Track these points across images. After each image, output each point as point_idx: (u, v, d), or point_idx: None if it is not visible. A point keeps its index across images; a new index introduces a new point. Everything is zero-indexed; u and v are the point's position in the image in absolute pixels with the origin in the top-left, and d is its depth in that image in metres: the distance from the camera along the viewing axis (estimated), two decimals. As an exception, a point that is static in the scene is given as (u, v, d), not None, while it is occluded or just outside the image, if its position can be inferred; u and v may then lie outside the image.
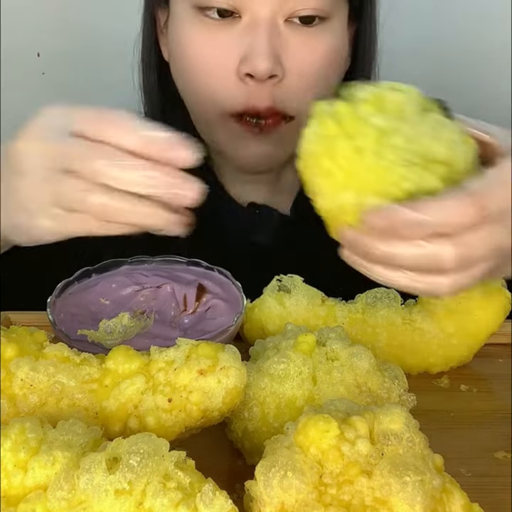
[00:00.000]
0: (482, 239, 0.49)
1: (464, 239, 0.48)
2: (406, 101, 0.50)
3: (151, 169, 0.49)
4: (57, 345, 0.53)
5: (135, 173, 0.50)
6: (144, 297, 0.68)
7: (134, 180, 0.50)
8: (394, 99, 0.49)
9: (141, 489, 0.40)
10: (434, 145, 0.48)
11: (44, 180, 0.53)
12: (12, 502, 0.42)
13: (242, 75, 0.76)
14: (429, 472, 0.42)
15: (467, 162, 0.50)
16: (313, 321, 0.65)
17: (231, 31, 0.76)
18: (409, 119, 0.49)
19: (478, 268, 0.50)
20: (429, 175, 0.48)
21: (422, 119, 0.49)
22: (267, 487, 0.42)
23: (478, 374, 0.67)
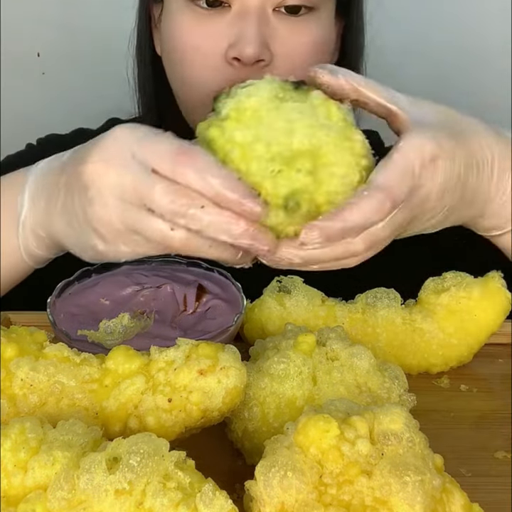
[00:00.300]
0: (389, 225, 0.54)
1: (372, 230, 0.53)
2: (261, 102, 0.51)
3: (234, 219, 0.50)
4: (57, 345, 0.53)
5: (219, 222, 0.51)
6: (144, 297, 0.68)
7: (219, 229, 0.51)
8: (249, 106, 0.51)
9: (141, 489, 0.40)
10: (291, 140, 0.49)
11: (122, 212, 0.54)
12: (12, 502, 0.42)
13: (229, 59, 0.77)
14: (429, 472, 0.42)
15: (338, 136, 0.51)
16: (313, 321, 0.65)
17: (221, 20, 0.78)
18: (265, 120, 0.50)
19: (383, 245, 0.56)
20: (296, 173, 0.49)
21: (277, 114, 0.50)
22: (267, 487, 0.42)
23: (478, 374, 0.67)
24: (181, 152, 0.52)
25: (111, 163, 0.55)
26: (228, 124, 0.51)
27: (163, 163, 0.52)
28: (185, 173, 0.51)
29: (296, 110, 0.51)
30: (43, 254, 0.70)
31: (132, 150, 0.54)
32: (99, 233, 0.58)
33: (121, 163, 0.54)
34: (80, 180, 0.57)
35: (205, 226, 0.51)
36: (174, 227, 0.53)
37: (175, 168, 0.52)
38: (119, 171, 0.54)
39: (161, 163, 0.52)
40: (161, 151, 0.53)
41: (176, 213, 0.52)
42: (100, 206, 0.56)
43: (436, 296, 0.66)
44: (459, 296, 0.65)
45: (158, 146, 0.53)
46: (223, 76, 0.79)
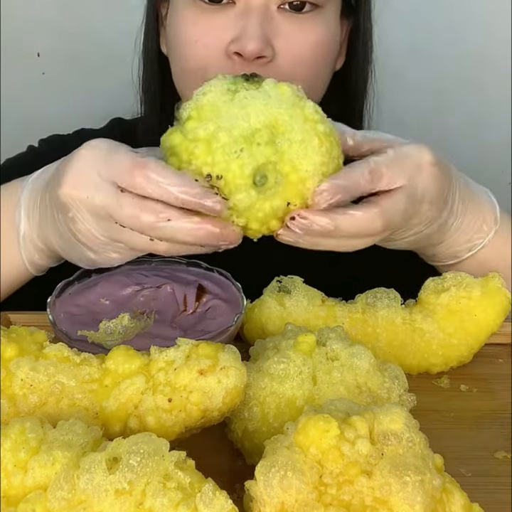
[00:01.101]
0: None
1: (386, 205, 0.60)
2: (216, 96, 0.57)
3: (198, 225, 0.55)
4: (57, 345, 0.53)
5: (186, 230, 0.55)
6: (144, 297, 0.68)
7: (187, 235, 0.55)
8: (206, 101, 0.56)
9: (141, 489, 0.40)
10: (248, 120, 0.54)
11: (102, 228, 0.60)
12: (12, 502, 0.42)
13: (230, 54, 0.77)
14: (429, 472, 0.42)
15: (290, 107, 0.56)
16: (313, 321, 0.65)
17: (224, 15, 0.78)
18: (223, 111, 0.55)
19: None
20: (257, 147, 0.54)
21: (233, 103, 0.56)
22: (267, 487, 0.42)
23: (478, 374, 0.67)
24: (135, 165, 0.56)
25: (81, 185, 0.60)
26: (190, 125, 0.56)
27: (123, 179, 0.57)
28: (142, 185, 0.55)
29: (249, 96, 0.56)
30: (45, 263, 0.72)
31: (98, 169, 0.59)
32: (87, 246, 0.63)
33: (90, 183, 0.59)
34: (59, 202, 0.62)
35: (175, 235, 0.55)
36: (153, 239, 0.57)
37: (133, 181, 0.56)
38: (89, 191, 0.59)
39: (121, 178, 0.57)
40: (119, 167, 0.57)
41: (144, 229, 0.56)
42: (81, 224, 0.61)
43: (436, 296, 0.66)
44: (459, 296, 0.65)
45: (116, 163, 0.58)
46: (224, 70, 0.78)
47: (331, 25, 0.83)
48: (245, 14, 0.77)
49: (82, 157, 0.61)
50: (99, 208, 0.58)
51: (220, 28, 0.78)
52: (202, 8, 0.79)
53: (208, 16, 0.79)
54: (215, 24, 0.79)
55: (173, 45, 0.85)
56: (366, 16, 0.89)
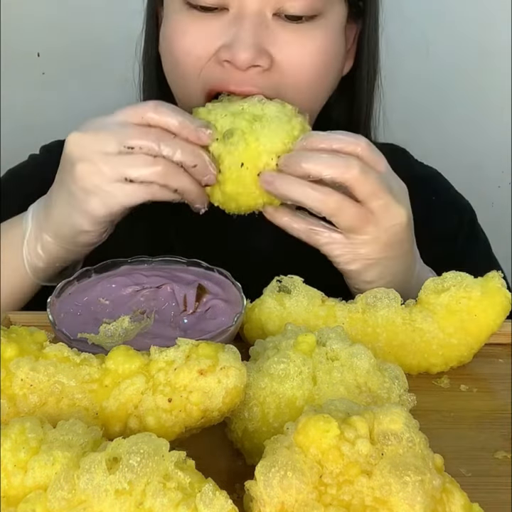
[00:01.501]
0: None
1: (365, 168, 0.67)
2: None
3: (191, 145, 0.67)
4: (57, 345, 0.53)
5: (181, 151, 0.66)
6: (144, 297, 0.68)
7: (182, 155, 0.66)
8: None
9: (141, 489, 0.40)
10: (242, 105, 0.72)
11: (105, 162, 0.66)
12: (12, 502, 0.42)
13: (220, 61, 0.76)
14: (429, 472, 0.42)
15: (281, 114, 0.71)
16: (313, 321, 0.65)
17: (217, 22, 0.77)
18: (227, 103, 0.74)
19: None
20: (238, 120, 0.69)
21: (240, 98, 0.75)
22: (267, 487, 0.42)
23: (478, 374, 0.67)
24: (149, 103, 0.67)
25: (87, 131, 0.68)
26: (199, 110, 0.74)
27: (134, 114, 0.67)
28: (152, 116, 0.67)
29: (253, 100, 0.73)
30: (47, 266, 0.72)
31: (105, 120, 0.68)
32: (89, 189, 0.67)
33: (97, 128, 0.68)
34: (64, 156, 0.69)
35: (175, 151, 0.66)
36: (154, 161, 0.66)
37: (145, 111, 0.66)
38: (97, 132, 0.67)
39: (132, 115, 0.67)
40: (130, 110, 0.68)
41: (151, 144, 0.65)
42: (85, 164, 0.67)
43: (436, 296, 0.66)
44: (459, 296, 0.65)
45: (126, 109, 0.68)
46: (213, 76, 0.77)
47: (333, 32, 0.81)
48: (238, 21, 0.75)
49: (86, 120, 0.70)
50: (107, 141, 0.66)
51: (212, 34, 0.77)
52: (194, 15, 0.77)
53: (200, 23, 0.77)
54: (206, 31, 0.77)
55: (164, 52, 0.84)
56: (373, 20, 0.88)
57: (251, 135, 0.68)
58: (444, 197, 1.00)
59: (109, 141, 0.65)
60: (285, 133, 0.69)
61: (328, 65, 0.82)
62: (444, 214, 0.96)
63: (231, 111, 0.70)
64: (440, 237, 0.93)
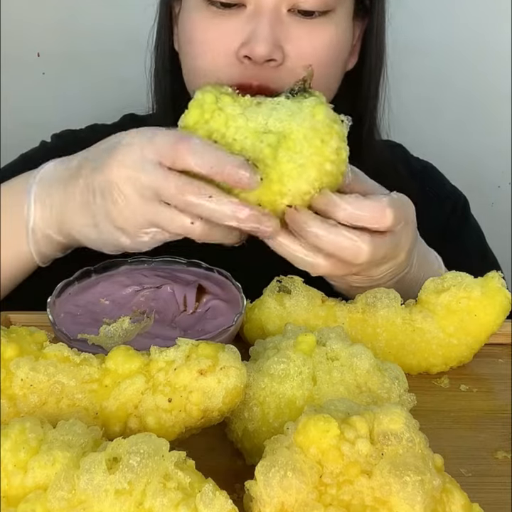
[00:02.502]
0: (386, 244, 0.63)
1: (376, 240, 0.62)
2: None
3: (239, 206, 0.59)
4: (57, 345, 0.53)
5: (226, 209, 0.59)
6: (144, 297, 0.68)
7: (226, 216, 0.59)
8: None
9: (141, 489, 0.40)
10: (266, 121, 0.60)
11: (144, 208, 0.62)
12: (12, 502, 0.42)
13: (240, 57, 0.78)
14: (429, 472, 0.42)
15: (311, 131, 0.59)
16: (313, 321, 0.65)
17: (235, 19, 0.79)
18: (253, 105, 0.61)
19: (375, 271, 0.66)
20: (259, 143, 0.59)
21: (265, 103, 0.61)
22: (267, 487, 0.42)
23: (478, 374, 0.67)
24: (178, 140, 0.60)
25: (129, 167, 0.62)
26: (225, 99, 0.62)
27: (165, 155, 0.60)
28: (184, 159, 0.59)
29: (282, 103, 0.61)
30: (54, 254, 0.72)
31: (143, 152, 0.62)
32: (123, 229, 0.64)
33: (138, 165, 0.62)
34: (104, 183, 0.64)
35: (215, 213, 0.59)
36: (193, 220, 0.61)
37: (176, 155, 0.60)
38: (137, 172, 0.62)
39: (163, 155, 0.60)
40: (161, 145, 0.61)
41: (187, 204, 0.59)
42: (124, 205, 0.63)
43: (436, 296, 0.66)
44: (459, 296, 0.65)
45: (160, 141, 0.61)
46: (233, 72, 0.80)
47: (342, 27, 0.83)
48: (255, 17, 0.78)
49: (128, 142, 0.64)
50: (145, 187, 0.61)
51: (231, 32, 0.79)
52: (213, 12, 0.80)
53: (219, 21, 0.80)
54: (225, 28, 0.79)
55: (184, 48, 0.86)
56: (380, 17, 0.89)
57: (274, 170, 0.59)
58: (438, 188, 1.04)
59: (147, 189, 0.61)
60: (315, 171, 0.59)
61: (337, 60, 0.84)
62: (438, 204, 1.00)
63: (254, 128, 0.60)
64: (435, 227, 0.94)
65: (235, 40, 0.79)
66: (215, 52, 0.80)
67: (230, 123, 0.60)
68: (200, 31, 0.82)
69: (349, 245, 0.61)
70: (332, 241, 0.61)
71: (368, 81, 0.92)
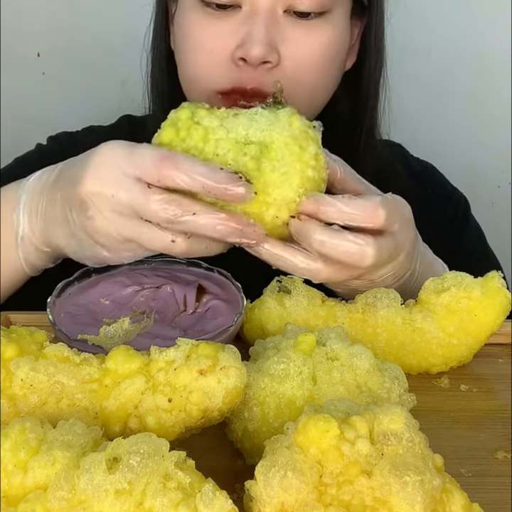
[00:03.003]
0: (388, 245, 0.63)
1: (380, 241, 0.62)
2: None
3: (223, 221, 0.58)
4: (57, 345, 0.53)
5: (210, 225, 0.58)
6: (144, 297, 0.68)
7: (210, 230, 0.58)
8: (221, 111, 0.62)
9: (141, 489, 0.40)
10: (247, 132, 0.60)
11: (121, 226, 0.61)
12: (12, 502, 0.42)
13: (236, 59, 0.78)
14: (429, 472, 0.42)
15: (290, 140, 0.60)
16: (313, 321, 0.65)
17: (231, 20, 0.78)
18: (231, 116, 0.61)
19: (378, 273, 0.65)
20: (242, 156, 0.59)
21: (243, 114, 0.62)
22: (267, 487, 0.42)
23: (478, 374, 0.67)
24: (163, 158, 0.58)
25: (105, 182, 0.60)
26: (201, 113, 0.61)
27: (149, 173, 0.58)
28: (171, 175, 0.57)
29: (259, 113, 0.61)
30: (43, 264, 0.72)
31: (121, 167, 0.59)
32: (101, 244, 0.63)
33: (114, 181, 0.60)
34: (78, 198, 0.62)
35: (199, 229, 0.58)
36: (174, 237, 0.60)
37: (161, 173, 0.57)
38: (114, 188, 0.60)
39: (147, 173, 0.58)
40: (145, 162, 0.58)
41: (170, 221, 0.58)
42: (100, 221, 0.61)
43: (436, 296, 0.66)
44: (459, 296, 0.65)
45: (141, 158, 0.59)
46: (229, 75, 0.79)
47: (339, 28, 0.82)
48: (251, 18, 0.77)
49: (102, 155, 0.61)
50: (123, 206, 0.59)
51: (226, 33, 0.78)
52: (209, 13, 0.79)
53: (214, 22, 0.79)
54: (221, 30, 0.79)
55: (180, 49, 0.85)
56: (379, 16, 0.88)
57: (258, 181, 0.59)
58: (439, 189, 1.04)
59: (125, 207, 0.59)
60: (298, 178, 0.59)
61: (334, 61, 0.83)
62: (439, 206, 1.00)
63: (234, 138, 0.60)
64: (436, 228, 0.94)
65: (231, 42, 0.78)
66: (209, 56, 0.80)
67: (209, 136, 0.60)
68: (196, 33, 0.81)
69: (355, 249, 0.61)
70: (338, 246, 0.61)
71: (367, 81, 0.91)
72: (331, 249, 0.61)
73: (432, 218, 0.95)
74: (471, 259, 0.73)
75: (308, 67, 0.80)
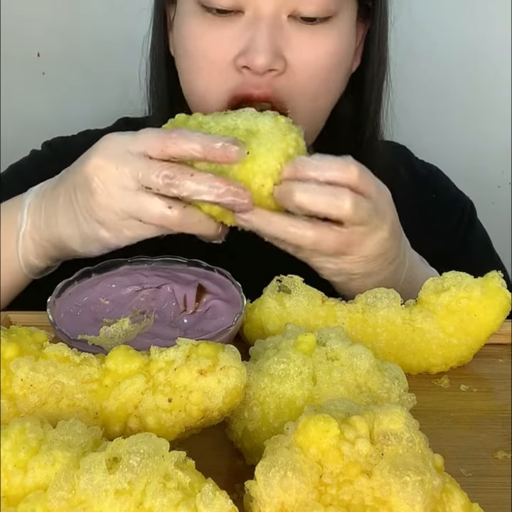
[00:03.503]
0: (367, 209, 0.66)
1: (357, 198, 0.65)
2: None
3: (218, 181, 0.62)
4: (57, 345, 0.53)
5: (205, 186, 0.62)
6: (144, 297, 0.68)
7: (205, 192, 0.62)
8: None
9: (141, 489, 0.40)
10: (236, 121, 0.67)
11: (123, 199, 0.64)
12: (12, 502, 0.42)
13: (238, 67, 0.76)
14: (429, 472, 0.42)
15: (274, 128, 0.67)
16: (313, 321, 0.65)
17: (232, 26, 0.77)
18: (223, 113, 0.70)
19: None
20: (232, 134, 0.66)
21: (235, 112, 0.70)
22: (267, 487, 0.42)
23: (478, 374, 0.67)
24: (166, 132, 0.63)
25: (110, 159, 0.64)
26: (194, 114, 0.70)
27: (153, 145, 0.62)
28: (174, 143, 0.62)
29: (247, 110, 0.69)
30: (41, 263, 0.72)
31: (127, 147, 0.63)
32: (103, 221, 0.65)
33: (119, 158, 0.64)
34: (82, 176, 0.65)
35: (195, 192, 0.62)
36: (171, 204, 0.63)
37: (164, 143, 0.62)
38: (118, 163, 0.64)
39: (151, 145, 0.62)
40: (149, 138, 0.63)
41: (170, 185, 0.62)
42: (103, 196, 0.64)
43: (436, 296, 0.66)
44: (459, 296, 0.65)
45: (146, 135, 0.64)
46: (232, 83, 0.78)
47: (345, 32, 0.81)
48: (254, 24, 0.75)
49: (110, 138, 0.66)
50: (127, 178, 0.63)
51: (228, 40, 0.77)
52: (209, 19, 0.77)
53: (216, 28, 0.77)
54: (223, 36, 0.77)
55: (180, 56, 0.84)
56: (382, 20, 0.87)
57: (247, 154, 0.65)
58: (444, 194, 1.02)
59: (128, 179, 0.63)
60: (280, 152, 0.66)
61: (340, 66, 0.82)
62: (444, 211, 0.98)
63: (224, 125, 0.67)
64: (441, 234, 0.93)
65: (233, 49, 0.76)
66: (212, 64, 0.78)
67: (203, 126, 0.67)
68: (196, 40, 0.79)
69: (330, 200, 0.64)
70: (317, 199, 0.64)
71: (370, 83, 0.90)
72: (311, 204, 0.63)
73: (436, 224, 0.94)
74: (476, 266, 0.72)
75: (314, 73, 0.78)
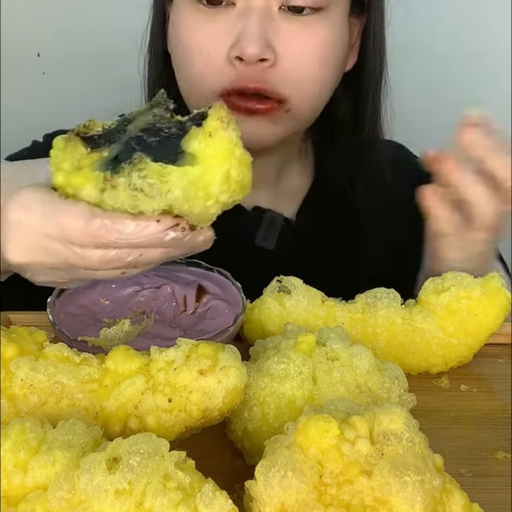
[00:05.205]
0: None
1: None
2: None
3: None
4: (57, 345, 0.53)
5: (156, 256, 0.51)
6: (144, 297, 0.68)
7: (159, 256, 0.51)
8: None
9: (141, 489, 0.40)
10: None
11: (63, 275, 0.52)
12: (12, 502, 0.42)
13: (231, 59, 0.76)
14: (429, 472, 0.42)
15: None
16: (313, 321, 0.65)
17: (224, 19, 0.77)
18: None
19: None
20: None
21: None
22: (267, 487, 0.42)
23: (478, 374, 0.67)
24: (89, 225, 0.47)
25: (31, 253, 0.50)
26: None
27: (80, 239, 0.48)
28: (103, 239, 0.47)
29: None
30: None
31: (44, 233, 0.49)
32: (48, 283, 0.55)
33: (39, 249, 0.50)
34: (10, 264, 0.52)
35: (151, 260, 0.52)
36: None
37: (94, 240, 0.48)
38: (43, 257, 0.50)
39: (78, 239, 0.48)
40: (73, 228, 0.48)
41: (118, 268, 0.51)
42: (42, 277, 0.53)
43: (436, 296, 0.66)
44: (459, 296, 0.65)
45: (64, 222, 0.48)
46: (226, 76, 0.78)
47: (337, 26, 0.81)
48: (245, 15, 0.76)
49: (19, 225, 0.50)
50: (59, 265, 0.51)
51: (221, 32, 0.77)
52: (201, 12, 0.78)
53: (208, 21, 0.78)
54: (215, 29, 0.77)
55: (175, 51, 0.84)
56: (378, 15, 0.87)
57: None
58: None
59: (61, 265, 0.51)
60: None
61: (331, 59, 0.81)
62: None
63: None
64: None
65: (226, 42, 0.76)
66: (206, 57, 0.78)
67: None
68: (189, 34, 0.79)
69: None
70: None
71: (368, 81, 0.90)
72: None
73: None
74: None
75: (304, 65, 0.78)
